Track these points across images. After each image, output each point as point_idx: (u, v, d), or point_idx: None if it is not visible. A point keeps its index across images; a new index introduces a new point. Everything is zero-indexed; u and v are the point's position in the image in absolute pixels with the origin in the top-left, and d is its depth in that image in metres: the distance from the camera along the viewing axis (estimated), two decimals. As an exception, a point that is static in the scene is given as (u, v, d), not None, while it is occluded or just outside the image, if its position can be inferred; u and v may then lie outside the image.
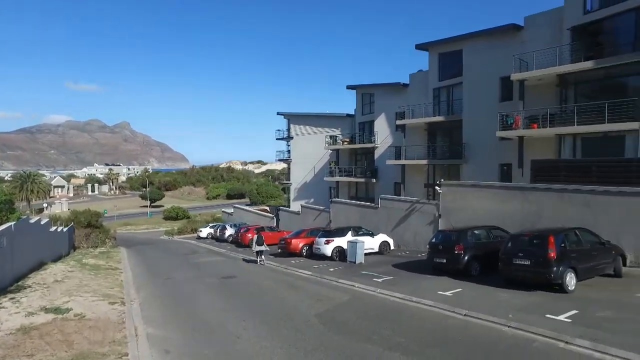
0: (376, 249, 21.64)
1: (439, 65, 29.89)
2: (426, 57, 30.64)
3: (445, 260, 14.66)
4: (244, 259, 24.61)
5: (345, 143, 38.83)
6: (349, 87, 38.97)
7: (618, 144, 19.23)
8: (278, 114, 48.04)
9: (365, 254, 20.17)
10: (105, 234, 39.87)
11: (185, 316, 11.62)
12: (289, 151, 47.89)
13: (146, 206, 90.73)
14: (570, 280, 11.38)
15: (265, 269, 20.44)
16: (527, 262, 11.73)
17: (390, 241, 22.39)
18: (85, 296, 13.33)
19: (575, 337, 8.24)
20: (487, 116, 24.63)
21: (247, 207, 55.14)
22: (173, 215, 73.00)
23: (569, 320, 9.23)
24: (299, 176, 45.11)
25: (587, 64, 19.91)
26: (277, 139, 48.98)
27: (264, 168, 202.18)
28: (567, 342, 8.11)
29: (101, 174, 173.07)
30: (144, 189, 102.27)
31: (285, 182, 50.33)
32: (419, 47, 30.95)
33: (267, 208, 61.05)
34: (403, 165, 31.39)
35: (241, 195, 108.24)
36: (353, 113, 39.96)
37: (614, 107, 18.74)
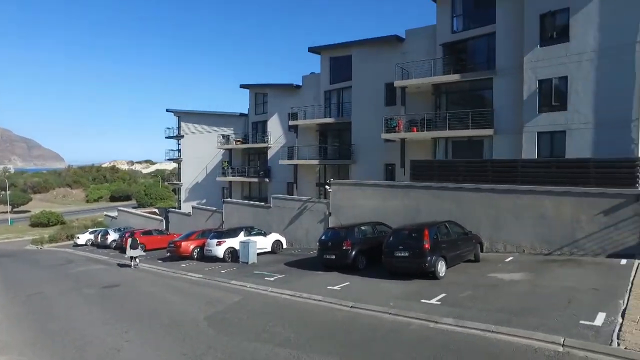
0: (269, 249, 21.76)
1: (330, 69, 31.15)
2: (318, 60, 31.72)
3: (334, 257, 15.34)
4: (123, 265, 22.74)
5: (239, 143, 38.30)
6: (243, 86, 38.52)
7: (479, 147, 22.16)
8: (167, 111, 45.55)
9: (258, 254, 20.20)
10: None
11: (55, 335, 10.38)
12: (179, 150, 45.62)
13: (6, 212, 78.56)
14: (441, 267, 12.78)
15: (153, 274, 19.22)
16: (406, 254, 12.88)
17: (283, 240, 22.71)
18: None
19: (443, 316, 9.31)
20: (373, 119, 26.36)
21: (133, 210, 51.08)
22: (43, 222, 64.53)
23: (439, 303, 10.38)
24: (191, 176, 43.28)
25: (455, 77, 22.57)
26: (166, 137, 46.39)
27: (153, 168, 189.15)
28: (436, 322, 9.13)
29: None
30: (3, 192, 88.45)
31: (175, 182, 47.82)
32: (312, 50, 31.87)
33: (156, 210, 57.47)
34: (295, 165, 32.05)
35: (127, 197, 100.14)
36: (246, 112, 39.59)
37: (476, 115, 21.55)
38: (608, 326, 8.00)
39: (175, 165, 55.01)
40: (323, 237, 16.26)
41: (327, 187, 21.88)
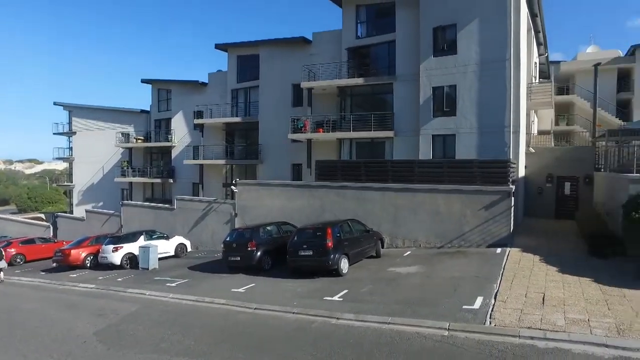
0: (172, 252, 20.67)
1: (238, 67, 30.61)
2: (225, 57, 30.97)
3: (239, 258, 15.07)
4: None
5: (140, 141, 35.85)
6: (144, 82, 36.14)
7: (381, 148, 23.40)
8: (55, 104, 41.07)
9: (161, 259, 19.13)
10: None
11: None
12: (71, 148, 41.38)
13: None
14: (344, 265, 13.24)
15: (33, 288, 17.08)
16: (310, 253, 13.12)
17: (187, 243, 21.75)
18: None
19: (344, 312, 9.66)
20: (281, 119, 26.44)
21: (11, 216, 45.02)
22: None
23: (341, 299, 10.75)
24: (85, 177, 39.47)
25: (359, 80, 23.57)
26: (55, 133, 41.86)
27: (39, 168, 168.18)
28: (338, 318, 9.43)
29: None
30: None
31: (66, 184, 43.25)
32: (219, 47, 31.06)
33: (42, 216, 51.46)
34: (201, 165, 30.96)
35: (4, 202, 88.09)
36: (148, 109, 37.22)
37: (377, 118, 22.73)
38: (484, 308, 9.00)
39: (66, 164, 49.82)
40: (228, 239, 15.88)
41: (232, 187, 21.44)
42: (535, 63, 26.35)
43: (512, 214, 15.47)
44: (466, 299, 9.69)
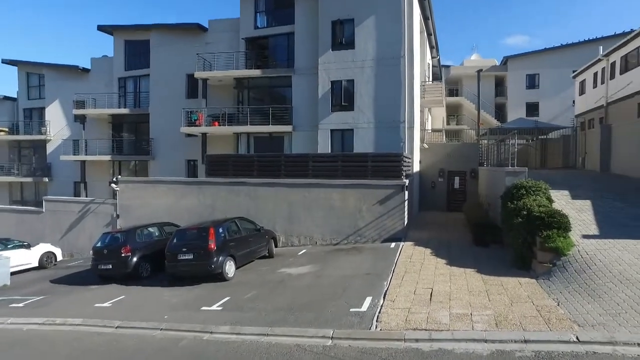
0: (35, 264, 17.51)
1: (126, 53, 27.53)
2: (111, 41, 27.69)
3: (111, 266, 13.03)
4: None
5: (3, 133, 30.70)
6: (7, 62, 30.94)
7: (280, 143, 22.47)
8: None
9: (19, 272, 16.18)
10: None
11: None
12: None
13: None
14: (230, 268, 12.02)
15: None
16: (191, 256, 11.67)
17: (57, 251, 18.68)
18: None
19: (220, 325, 8.48)
20: (174, 111, 24.18)
21: None
22: None
23: (220, 309, 9.54)
24: None
25: (256, 72, 22.38)
26: None
27: None
28: (212, 332, 8.23)
29: None
30: None
31: None
32: (102, 29, 27.66)
33: None
34: (83, 162, 27.32)
35: None
36: (15, 96, 32.07)
37: (276, 111, 21.77)
38: (371, 310, 8.43)
39: None
40: (98, 244, 13.67)
41: (113, 185, 18.98)
42: (429, 64, 27.45)
43: (406, 208, 15.52)
44: (355, 300, 9.10)
